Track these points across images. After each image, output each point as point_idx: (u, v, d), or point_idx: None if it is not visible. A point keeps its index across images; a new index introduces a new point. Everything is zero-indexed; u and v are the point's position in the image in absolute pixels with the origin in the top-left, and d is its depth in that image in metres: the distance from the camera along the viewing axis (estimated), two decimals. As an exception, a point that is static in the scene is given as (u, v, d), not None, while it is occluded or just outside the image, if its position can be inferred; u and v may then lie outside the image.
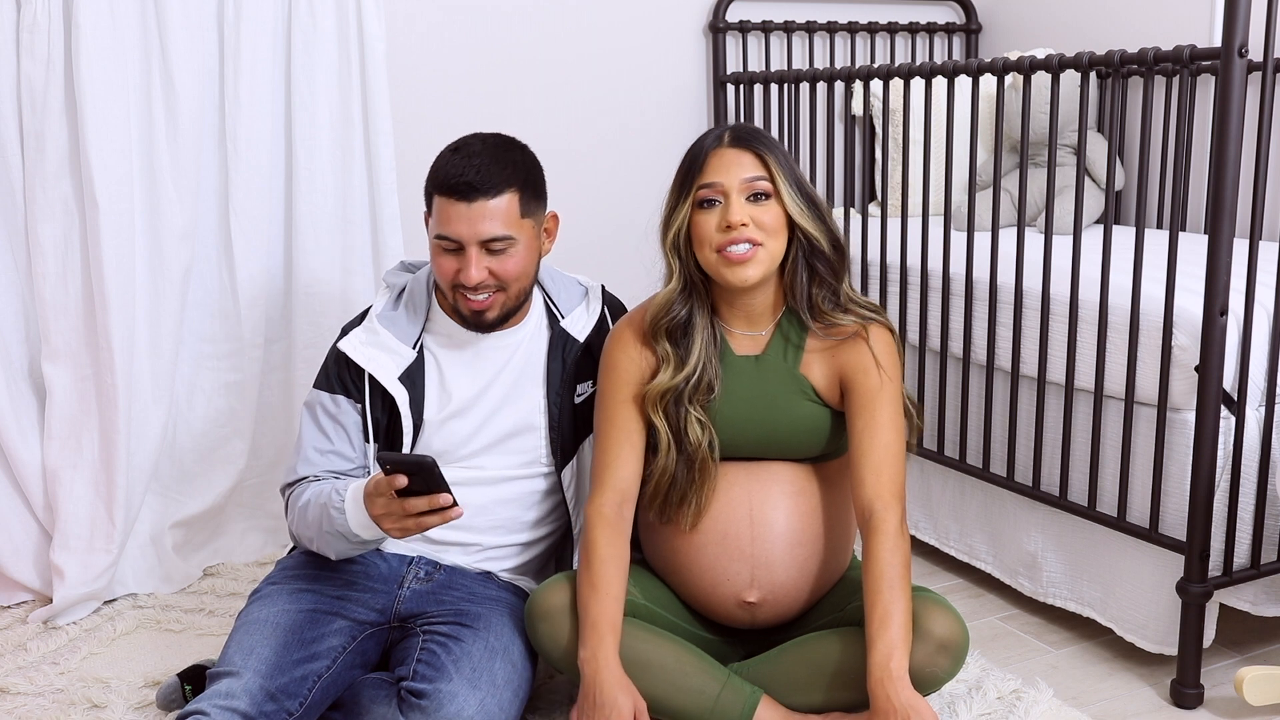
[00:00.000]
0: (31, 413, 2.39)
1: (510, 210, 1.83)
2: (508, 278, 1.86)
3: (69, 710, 1.97)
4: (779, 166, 1.78)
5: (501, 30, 2.85)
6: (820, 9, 3.22)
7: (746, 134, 1.81)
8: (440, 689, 1.70)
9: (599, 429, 1.89)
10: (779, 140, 2.88)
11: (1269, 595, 2.09)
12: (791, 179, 1.79)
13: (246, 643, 1.75)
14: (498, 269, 1.84)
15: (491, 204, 1.81)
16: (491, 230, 1.81)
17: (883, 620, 1.67)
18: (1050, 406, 2.23)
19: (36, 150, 2.29)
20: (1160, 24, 2.88)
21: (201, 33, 2.40)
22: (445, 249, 1.85)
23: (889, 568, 1.71)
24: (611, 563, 1.78)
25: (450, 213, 1.82)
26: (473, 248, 1.82)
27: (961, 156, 2.80)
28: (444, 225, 1.83)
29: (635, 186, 2.17)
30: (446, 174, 1.83)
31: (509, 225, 1.83)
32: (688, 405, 1.82)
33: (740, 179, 1.77)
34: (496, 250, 1.83)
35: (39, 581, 2.40)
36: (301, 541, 1.90)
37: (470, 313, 1.88)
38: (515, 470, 1.97)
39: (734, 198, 1.76)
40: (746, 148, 1.79)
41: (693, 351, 1.83)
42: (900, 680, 1.63)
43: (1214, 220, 1.83)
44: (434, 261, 1.88)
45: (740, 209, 1.76)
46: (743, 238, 1.75)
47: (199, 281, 2.51)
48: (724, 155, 1.79)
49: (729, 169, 1.77)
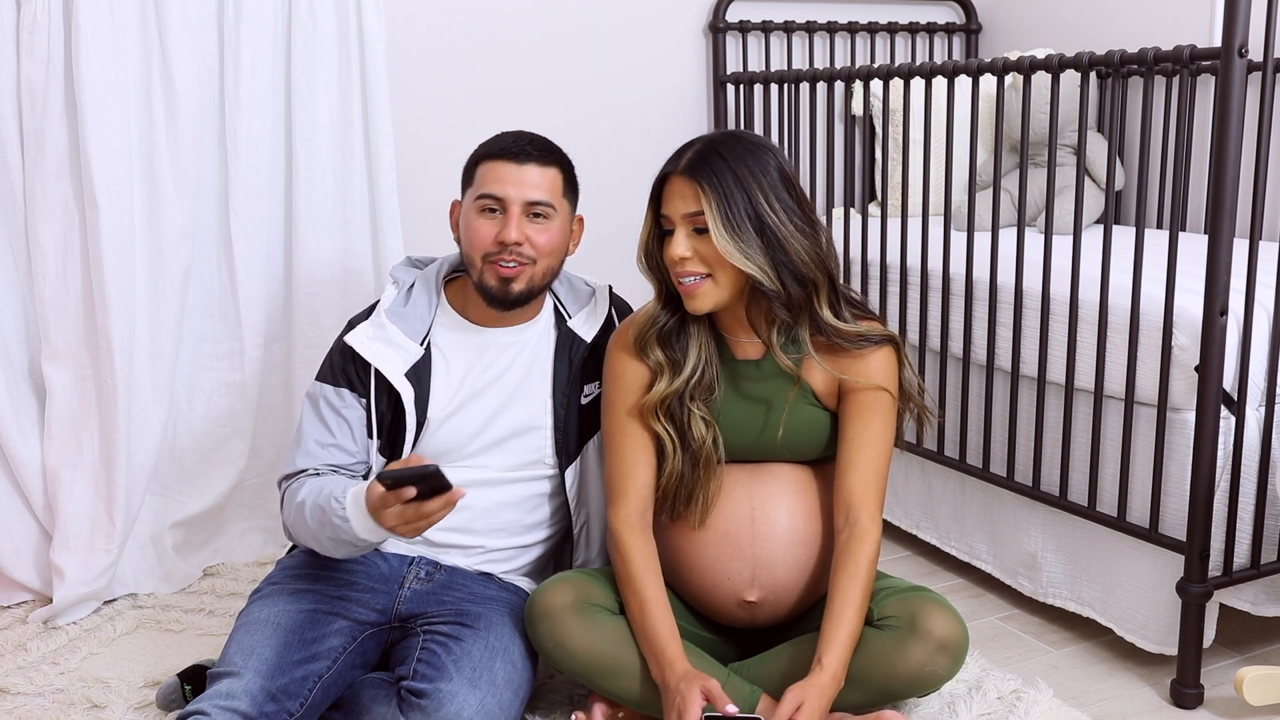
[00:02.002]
0: (31, 413, 2.39)
1: (555, 183, 1.91)
2: (541, 249, 1.89)
3: (69, 710, 1.97)
4: (714, 200, 1.72)
5: (501, 30, 2.85)
6: (820, 9, 3.22)
7: (697, 160, 1.75)
8: (440, 688, 1.70)
9: (610, 439, 1.90)
10: (776, 141, 2.89)
11: (1269, 595, 2.09)
12: (730, 212, 1.72)
13: (247, 643, 1.75)
14: (535, 237, 1.88)
15: (541, 170, 1.89)
16: (537, 194, 1.88)
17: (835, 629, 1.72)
18: (1050, 406, 2.23)
19: (36, 150, 2.29)
20: (1160, 24, 2.88)
21: (201, 33, 2.40)
22: (487, 209, 1.88)
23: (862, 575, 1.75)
24: (650, 572, 1.82)
25: (499, 172, 1.88)
26: (515, 207, 1.87)
27: (961, 156, 2.80)
28: (490, 185, 1.88)
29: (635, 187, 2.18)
30: (498, 142, 1.92)
31: (553, 195, 1.90)
32: (690, 405, 1.82)
33: (682, 213, 1.75)
34: (537, 216, 1.88)
35: (39, 581, 2.40)
36: (296, 536, 1.89)
37: (498, 281, 1.88)
38: (518, 471, 1.97)
39: (679, 230, 1.76)
40: (691, 177, 1.74)
41: (690, 354, 1.84)
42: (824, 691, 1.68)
43: (1214, 220, 1.83)
44: (469, 230, 1.90)
45: (682, 242, 1.75)
46: (685, 271, 1.76)
47: (199, 281, 2.51)
48: (674, 184, 1.77)
49: (674, 200, 1.77)
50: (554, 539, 2.06)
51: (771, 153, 1.78)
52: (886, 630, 1.77)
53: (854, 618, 1.73)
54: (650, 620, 1.77)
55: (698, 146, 1.78)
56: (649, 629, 1.77)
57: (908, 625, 1.75)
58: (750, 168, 1.74)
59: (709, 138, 1.80)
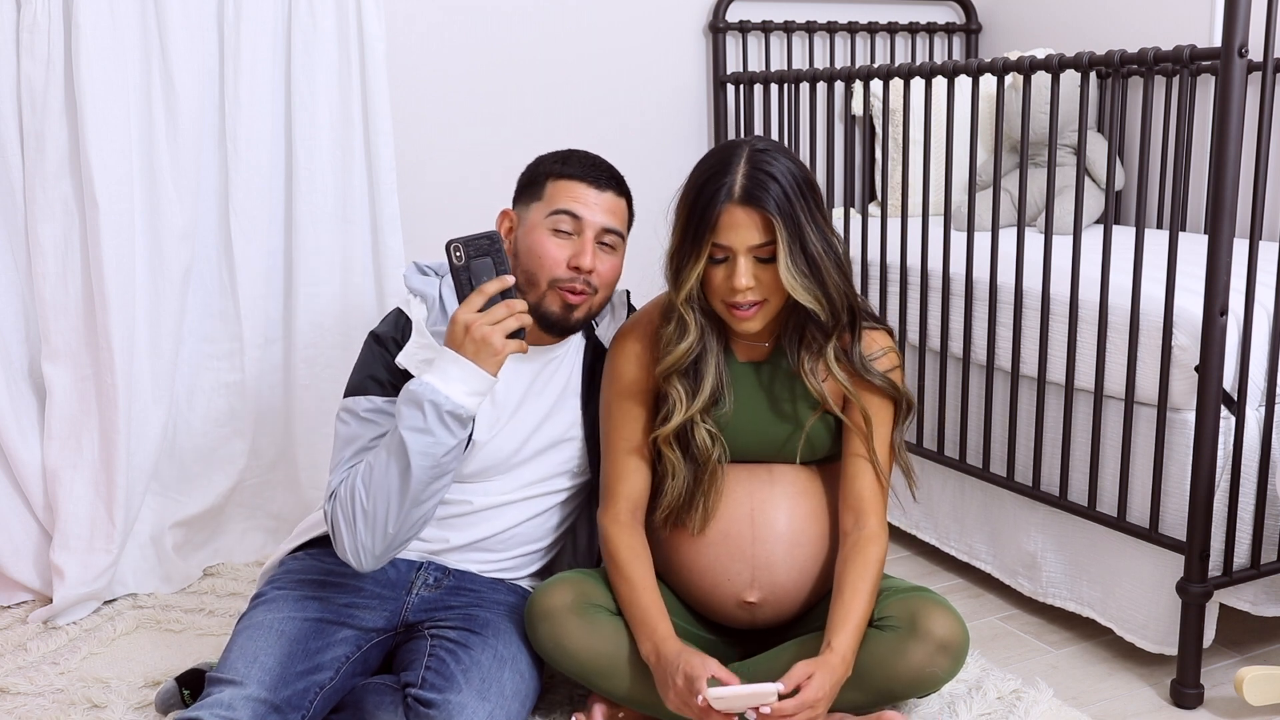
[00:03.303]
0: (31, 413, 2.39)
1: (624, 214, 1.91)
2: (605, 279, 1.87)
3: (69, 710, 1.97)
4: (787, 234, 1.70)
5: (501, 30, 2.85)
6: (820, 9, 3.22)
7: (758, 189, 1.70)
8: (450, 700, 1.68)
9: (607, 440, 1.90)
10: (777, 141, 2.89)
11: (1269, 595, 2.09)
12: (797, 240, 1.71)
13: (250, 649, 1.72)
14: (602, 267, 1.85)
15: (617, 199, 1.89)
16: (612, 222, 1.87)
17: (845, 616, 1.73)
18: (1050, 406, 2.23)
19: (36, 150, 2.29)
20: (1160, 24, 2.88)
21: (201, 33, 2.40)
22: (559, 229, 1.83)
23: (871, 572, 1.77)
24: (638, 557, 1.82)
25: (579, 194, 1.85)
26: (590, 232, 1.84)
27: (961, 156, 2.80)
28: (570, 203, 1.84)
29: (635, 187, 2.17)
30: (577, 161, 1.88)
31: (622, 225, 1.90)
32: (696, 419, 1.82)
33: (748, 244, 1.71)
34: (606, 245, 1.87)
35: (39, 581, 2.40)
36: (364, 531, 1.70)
37: (562, 307, 1.84)
38: (548, 485, 1.96)
39: (741, 260, 1.72)
40: (757, 208, 1.70)
41: (706, 380, 1.82)
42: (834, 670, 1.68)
43: (1214, 220, 1.83)
44: (539, 249, 1.83)
45: (746, 272, 1.72)
46: (748, 300, 1.74)
47: (199, 281, 2.50)
48: (735, 215, 1.71)
49: (738, 230, 1.71)
50: (562, 543, 2.06)
51: (805, 169, 1.77)
52: (887, 630, 1.77)
53: (863, 608, 1.74)
54: (639, 600, 1.77)
55: (746, 170, 1.71)
56: (638, 608, 1.77)
57: (908, 625, 1.75)
58: (804, 195, 1.73)
59: (751, 157, 1.73)
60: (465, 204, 2.78)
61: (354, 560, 1.73)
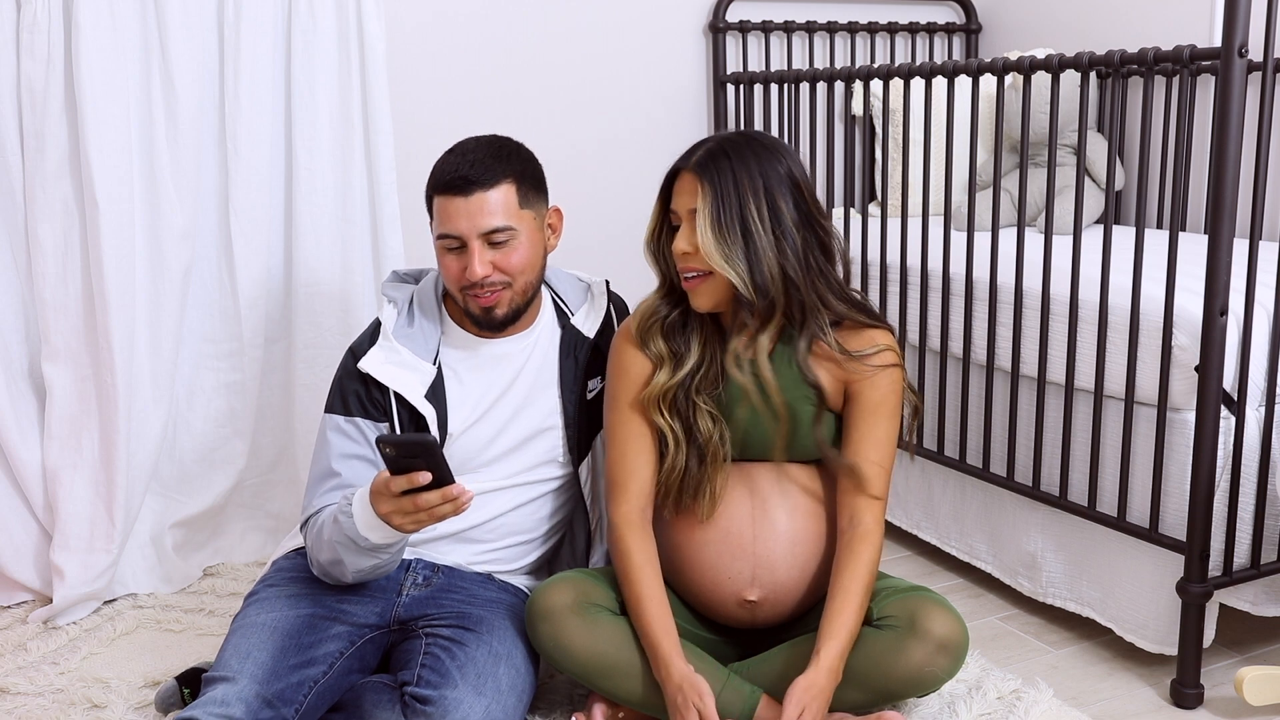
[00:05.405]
0: (31, 413, 2.39)
1: (509, 201, 1.83)
2: (512, 270, 1.85)
3: (69, 710, 1.97)
4: (709, 200, 1.73)
5: (501, 30, 2.85)
6: (820, 9, 3.22)
7: (706, 158, 1.76)
8: (446, 695, 1.69)
9: (612, 435, 1.90)
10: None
11: (1269, 595, 2.09)
12: (720, 214, 1.73)
13: (243, 647, 1.73)
14: (502, 262, 1.84)
15: (490, 195, 1.81)
16: (491, 222, 1.81)
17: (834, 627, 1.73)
18: (1050, 406, 2.23)
19: (36, 150, 2.29)
20: (1160, 24, 2.88)
21: (201, 33, 2.40)
22: (449, 248, 1.84)
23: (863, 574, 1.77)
24: (649, 568, 1.82)
25: (449, 209, 1.82)
26: (475, 241, 1.82)
27: (961, 156, 2.80)
28: (445, 223, 1.83)
29: (635, 187, 2.17)
30: (443, 172, 1.84)
31: (509, 216, 1.83)
32: (695, 399, 1.82)
33: (688, 208, 1.77)
34: (499, 243, 1.83)
35: (39, 581, 2.40)
36: (325, 570, 1.83)
37: (480, 310, 1.87)
38: (529, 473, 1.97)
39: (684, 225, 1.77)
40: (696, 174, 1.76)
41: (692, 347, 1.84)
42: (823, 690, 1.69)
43: (1214, 220, 1.83)
44: (440, 265, 1.88)
45: (685, 237, 1.77)
46: (687, 267, 1.77)
47: (199, 281, 2.50)
48: (683, 180, 1.79)
49: (682, 195, 1.79)
50: (556, 538, 2.06)
51: (784, 158, 1.78)
52: (886, 630, 1.77)
53: (853, 615, 1.74)
54: (645, 617, 1.78)
55: (709, 145, 1.79)
56: (644, 626, 1.78)
57: (907, 625, 1.75)
58: (753, 172, 1.75)
59: (723, 136, 1.81)
60: (465, 204, 2.78)
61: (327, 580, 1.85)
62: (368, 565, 1.77)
